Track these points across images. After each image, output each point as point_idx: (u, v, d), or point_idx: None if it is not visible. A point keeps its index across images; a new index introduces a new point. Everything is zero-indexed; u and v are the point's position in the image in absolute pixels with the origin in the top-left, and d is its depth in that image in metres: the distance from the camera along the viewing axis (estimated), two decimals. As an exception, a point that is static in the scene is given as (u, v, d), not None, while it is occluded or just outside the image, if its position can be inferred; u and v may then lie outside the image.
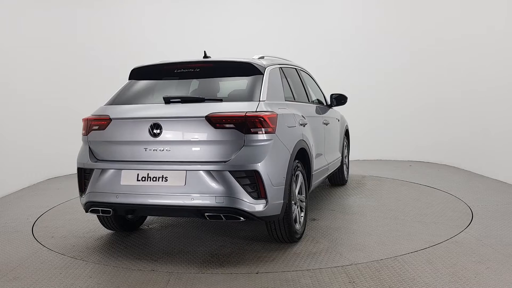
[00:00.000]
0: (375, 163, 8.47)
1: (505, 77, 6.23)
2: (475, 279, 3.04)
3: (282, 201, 3.53)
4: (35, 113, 7.13)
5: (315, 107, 5.02)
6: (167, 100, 3.65)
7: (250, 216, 3.37)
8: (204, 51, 4.41)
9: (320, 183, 5.06)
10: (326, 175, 5.15)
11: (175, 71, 4.04)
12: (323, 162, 4.93)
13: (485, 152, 6.83)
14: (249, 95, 3.67)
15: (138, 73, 4.17)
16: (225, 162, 3.35)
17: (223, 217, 3.36)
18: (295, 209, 3.89)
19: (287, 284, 3.06)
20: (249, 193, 3.35)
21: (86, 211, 3.74)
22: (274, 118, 3.55)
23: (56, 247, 3.97)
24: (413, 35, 8.43)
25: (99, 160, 3.70)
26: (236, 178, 3.33)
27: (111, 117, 3.70)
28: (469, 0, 7.21)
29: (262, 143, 3.42)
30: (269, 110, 3.57)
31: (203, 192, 3.35)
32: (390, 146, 8.74)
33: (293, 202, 3.82)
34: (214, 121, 3.39)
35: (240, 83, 3.93)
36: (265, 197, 3.37)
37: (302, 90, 4.91)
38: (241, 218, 3.37)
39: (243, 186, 3.34)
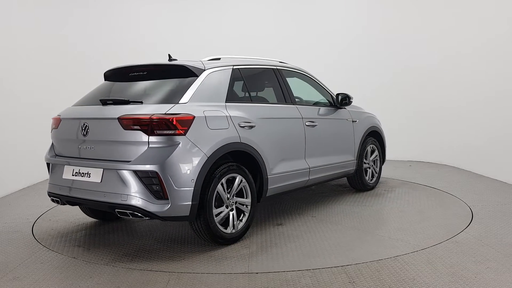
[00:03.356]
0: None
1: (506, 78, 6.23)
2: (475, 279, 3.04)
3: (190, 203, 3.52)
4: (35, 113, 7.12)
5: (293, 108, 4.75)
6: (104, 102, 3.85)
7: (153, 216, 3.47)
8: (169, 54, 4.43)
9: (298, 187, 4.77)
10: (307, 179, 4.82)
11: (130, 74, 4.20)
12: (300, 166, 4.68)
13: (485, 152, 6.83)
14: (169, 97, 3.75)
15: (108, 75, 4.45)
16: (129, 162, 3.49)
17: (129, 215, 3.51)
18: (226, 212, 3.83)
19: (287, 284, 3.06)
20: (152, 193, 3.46)
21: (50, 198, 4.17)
22: (186, 120, 3.56)
23: (56, 247, 3.98)
24: (415, 36, 8.42)
25: (57, 155, 4.12)
26: (139, 178, 3.47)
27: (61, 117, 4.11)
28: (475, 3, 7.20)
29: (166, 145, 3.49)
30: (185, 112, 3.58)
31: (112, 190, 3.55)
32: (391, 146, 8.72)
33: (224, 205, 3.82)
34: (124, 122, 3.56)
35: (173, 85, 3.93)
36: (168, 198, 3.44)
37: (279, 91, 4.76)
38: (144, 217, 3.48)
39: (146, 186, 3.46)
